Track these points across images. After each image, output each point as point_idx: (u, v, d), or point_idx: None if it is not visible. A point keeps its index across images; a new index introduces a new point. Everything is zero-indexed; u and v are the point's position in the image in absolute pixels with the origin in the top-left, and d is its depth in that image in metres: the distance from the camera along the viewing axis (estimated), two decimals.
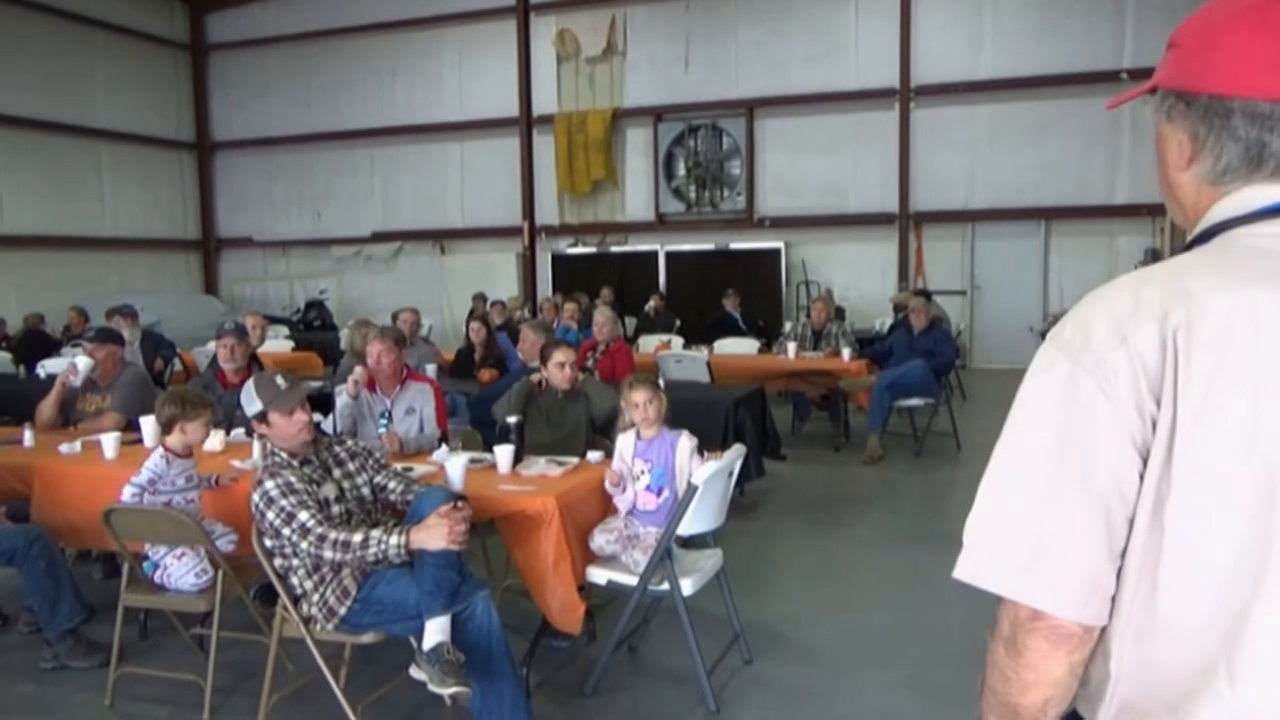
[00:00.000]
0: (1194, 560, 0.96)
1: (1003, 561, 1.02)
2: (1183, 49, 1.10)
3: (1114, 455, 0.98)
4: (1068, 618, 1.00)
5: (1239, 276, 0.97)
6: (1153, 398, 0.96)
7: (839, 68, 13.98)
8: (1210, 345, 0.94)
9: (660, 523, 3.61)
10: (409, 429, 4.54)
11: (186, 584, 3.61)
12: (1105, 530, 0.99)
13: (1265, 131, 1.03)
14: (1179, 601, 0.98)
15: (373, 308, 16.29)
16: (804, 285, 14.22)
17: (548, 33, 15.52)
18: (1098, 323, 1.00)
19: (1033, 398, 1.03)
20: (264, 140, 17.44)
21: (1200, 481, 0.95)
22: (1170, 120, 1.11)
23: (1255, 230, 1.03)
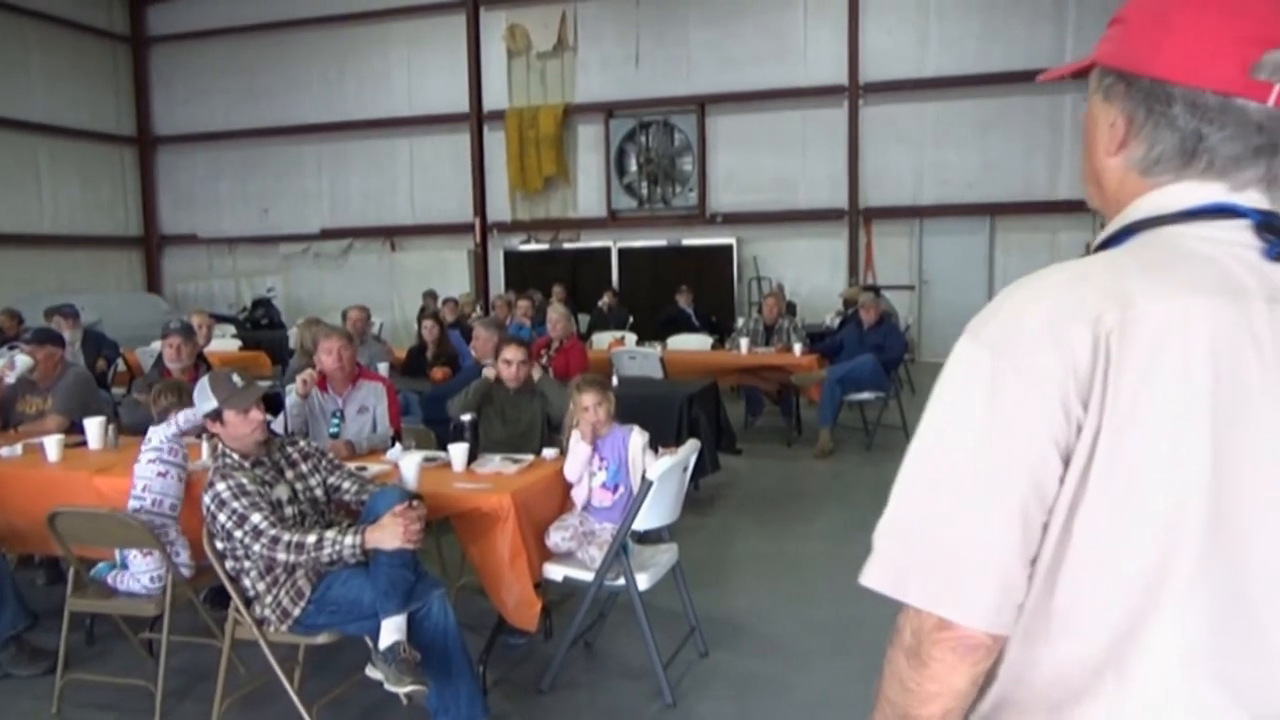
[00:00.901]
0: (1096, 567, 0.93)
1: (913, 569, 0.95)
2: (1130, 25, 1.03)
3: (1037, 459, 0.92)
4: (979, 628, 0.94)
5: (1175, 281, 0.93)
6: (1080, 402, 0.91)
7: (789, 65, 14.09)
8: (1141, 353, 0.90)
9: (616, 519, 3.64)
10: (361, 428, 4.51)
11: (140, 586, 3.54)
12: (1022, 537, 0.93)
13: (1205, 124, 0.97)
14: (1076, 606, 0.94)
15: (322, 306, 16.06)
16: (755, 281, 14.32)
17: (498, 28, 15.42)
18: (1028, 318, 0.94)
19: (952, 395, 0.97)
20: (208, 135, 17.09)
21: (1116, 490, 0.91)
22: (1107, 100, 1.05)
23: (1190, 232, 0.98)
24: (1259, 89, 0.95)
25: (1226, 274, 0.94)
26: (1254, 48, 0.95)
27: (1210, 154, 0.97)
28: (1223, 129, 0.96)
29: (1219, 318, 0.91)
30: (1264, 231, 0.96)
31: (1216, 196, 0.98)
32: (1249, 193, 0.99)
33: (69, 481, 3.97)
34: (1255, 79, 0.95)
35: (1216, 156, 0.97)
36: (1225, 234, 0.97)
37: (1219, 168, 0.98)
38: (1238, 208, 0.98)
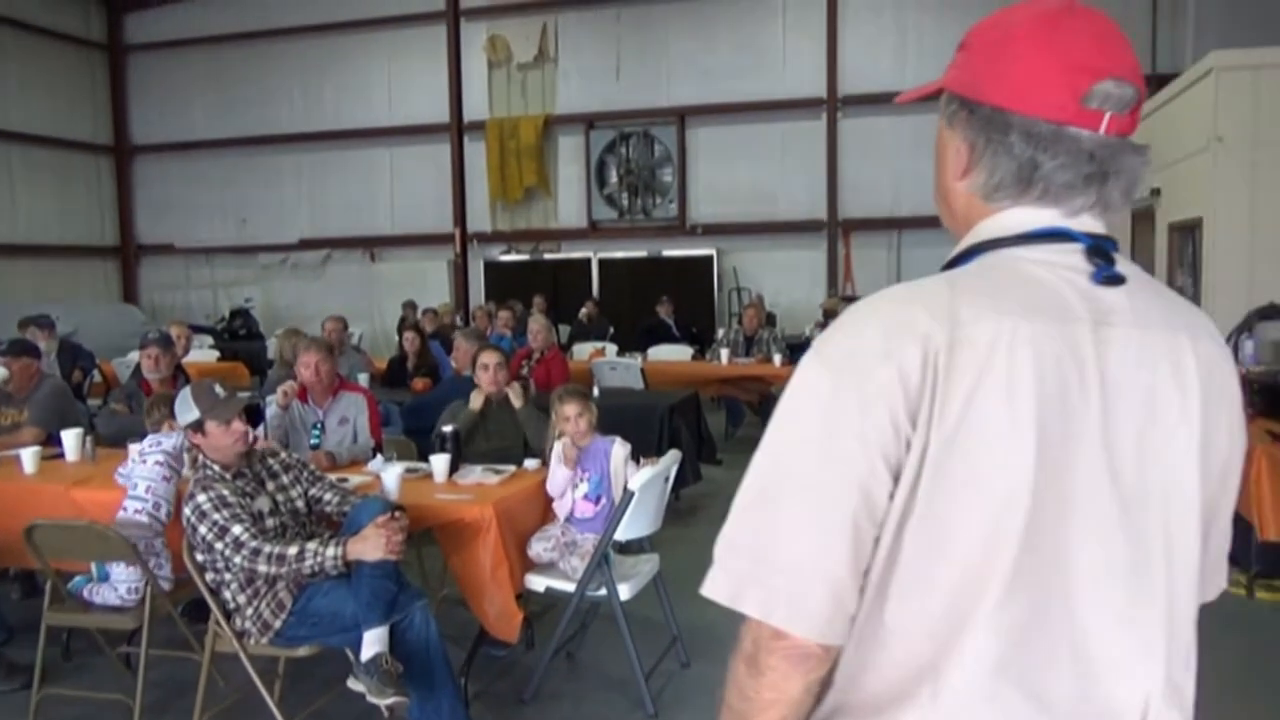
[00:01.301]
0: (921, 580, 0.95)
1: (749, 581, 0.97)
2: (972, 53, 1.07)
3: (868, 474, 0.94)
4: (811, 639, 0.96)
5: (1005, 303, 0.96)
6: (909, 419, 0.93)
7: (768, 78, 14.18)
8: (967, 372, 0.92)
9: (598, 529, 3.65)
10: (342, 439, 4.50)
11: (116, 597, 3.51)
12: (854, 550, 0.96)
13: (1040, 152, 1.00)
14: (903, 617, 0.97)
15: (301, 316, 15.97)
16: (735, 292, 14.38)
17: (478, 39, 15.44)
18: (866, 336, 0.97)
19: (793, 409, 0.99)
20: (186, 144, 16.96)
21: (942, 504, 0.93)
22: (951, 126, 1.08)
23: (1026, 255, 1.01)
24: (1090, 117, 0.99)
25: (1055, 297, 0.98)
26: (1085, 78, 0.99)
27: (1045, 181, 1.01)
28: (1055, 157, 1.00)
29: (1045, 339, 0.94)
30: (1094, 256, 1.01)
31: (1052, 222, 1.02)
32: (1083, 218, 1.03)
33: (46, 494, 3.94)
34: (1087, 108, 0.99)
35: (1051, 184, 1.01)
36: (1058, 257, 1.01)
37: (1054, 194, 1.02)
38: (1071, 232, 1.02)
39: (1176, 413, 1.00)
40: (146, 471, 3.53)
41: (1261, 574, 4.61)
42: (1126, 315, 1.00)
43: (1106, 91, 0.99)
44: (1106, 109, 0.99)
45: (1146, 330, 1.00)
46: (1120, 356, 0.98)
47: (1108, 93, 0.99)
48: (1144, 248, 9.58)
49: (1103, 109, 0.99)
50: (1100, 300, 0.99)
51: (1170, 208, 8.69)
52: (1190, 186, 8.11)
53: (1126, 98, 1.00)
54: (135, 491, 3.53)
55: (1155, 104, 9.27)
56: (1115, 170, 1.02)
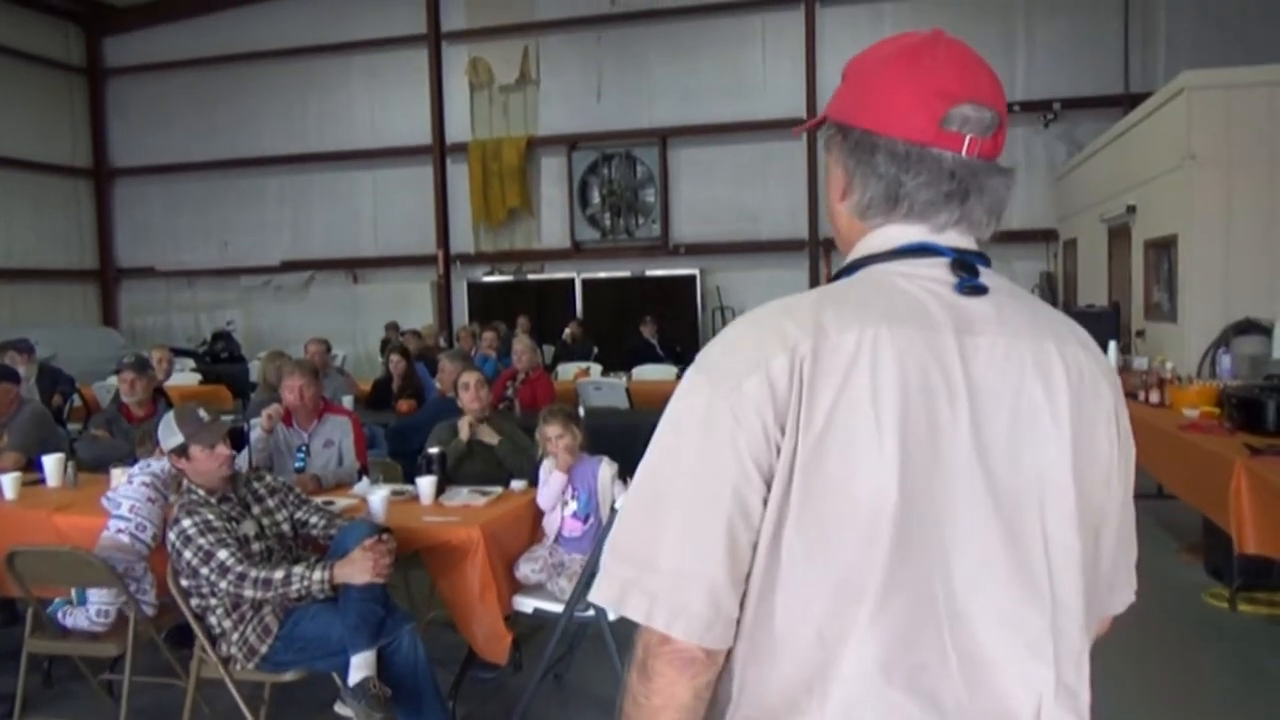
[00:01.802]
0: (802, 584, 0.98)
1: (632, 586, 1.00)
2: (847, 83, 1.14)
3: (740, 480, 0.97)
4: (691, 642, 0.98)
5: (869, 312, 1.00)
6: (778, 425, 0.97)
7: (748, 98, 14.30)
8: (832, 377, 0.96)
9: (586, 549, 3.65)
10: (327, 462, 4.48)
11: (85, 620, 3.47)
12: (729, 555, 0.98)
13: (903, 171, 1.06)
14: (790, 626, 0.99)
15: (284, 338, 15.89)
16: (719, 311, 14.44)
17: (460, 61, 15.50)
18: (741, 348, 1.02)
19: (674, 422, 1.03)
20: (166, 167, 16.92)
21: (814, 508, 0.96)
22: (829, 150, 1.15)
23: (894, 269, 1.06)
24: (951, 139, 1.06)
25: (919, 306, 1.03)
26: (942, 102, 1.05)
27: (910, 199, 1.07)
28: (917, 176, 1.06)
29: (908, 345, 0.99)
30: (957, 269, 1.06)
31: (919, 237, 1.08)
32: (949, 233, 1.09)
33: (27, 520, 3.90)
34: (946, 130, 1.05)
35: (915, 201, 1.07)
36: (924, 270, 1.06)
37: (918, 211, 1.07)
38: (936, 246, 1.07)
39: (1046, 416, 1.03)
40: (132, 492, 3.51)
41: (1243, 587, 4.65)
42: (991, 323, 1.04)
43: (965, 115, 1.06)
44: (966, 131, 1.06)
45: (1013, 338, 1.04)
46: (986, 361, 1.02)
47: (966, 116, 1.06)
48: (1120, 263, 9.70)
49: (962, 131, 1.06)
50: (964, 309, 1.04)
51: (1145, 224, 8.81)
52: (1165, 203, 8.23)
53: (986, 121, 1.07)
54: (119, 511, 3.50)
55: (1129, 123, 9.42)
56: (977, 188, 1.08)
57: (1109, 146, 10.07)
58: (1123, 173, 9.45)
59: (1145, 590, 1.24)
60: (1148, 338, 8.77)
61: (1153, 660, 3.99)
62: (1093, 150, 10.82)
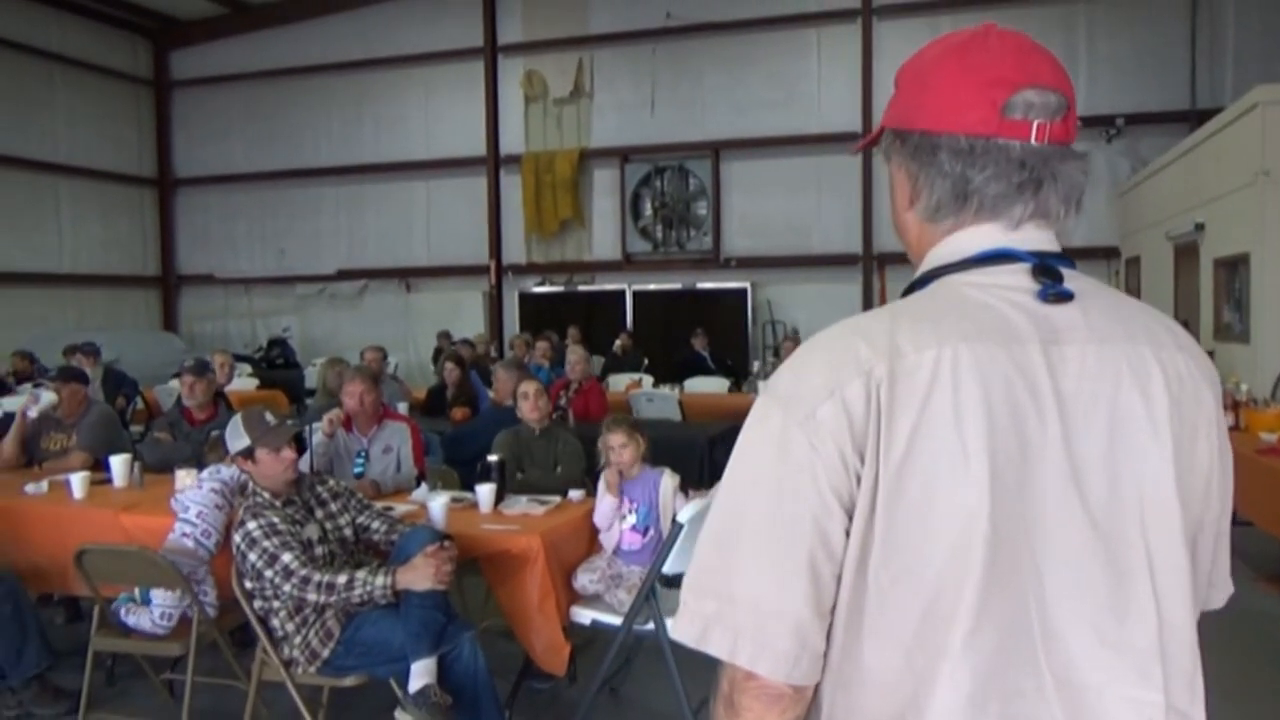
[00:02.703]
0: (890, 614, 0.95)
1: (714, 622, 0.97)
2: (901, 89, 1.11)
3: (821, 512, 0.95)
4: (778, 679, 0.95)
5: (945, 329, 0.95)
6: (857, 453, 0.94)
7: (802, 111, 14.23)
8: (911, 401, 0.92)
9: (645, 561, 3.60)
10: (386, 468, 4.50)
11: (148, 622, 3.50)
12: (813, 589, 0.95)
13: (968, 167, 1.02)
14: (878, 653, 0.96)
15: (337, 346, 16.11)
16: (769, 325, 14.34)
17: (515, 74, 15.64)
18: (811, 374, 0.98)
19: (747, 452, 1.00)
20: (226, 177, 17.30)
21: (899, 537, 0.93)
22: (889, 159, 1.12)
23: (970, 280, 1.02)
24: (1017, 128, 1.00)
25: (1000, 319, 0.97)
26: (1002, 90, 1.01)
27: (979, 194, 1.02)
28: (984, 169, 1.02)
29: (990, 362, 0.94)
30: (1039, 275, 1.00)
31: (994, 241, 1.03)
32: (1026, 230, 1.03)
33: (95, 519, 3.96)
34: (1010, 118, 1.00)
35: (985, 196, 1.02)
36: (1002, 279, 1.01)
37: (990, 207, 1.02)
38: (1015, 252, 1.02)
39: (1145, 428, 0.98)
40: (200, 497, 3.54)
41: None
42: (1080, 331, 0.98)
43: (1028, 101, 1.01)
44: (1032, 117, 1.01)
45: (1104, 345, 0.99)
46: (1077, 373, 0.96)
47: (1030, 101, 1.01)
48: (1188, 282, 9.45)
49: (1028, 118, 1.01)
50: (1050, 318, 0.98)
51: (1215, 242, 8.57)
52: (1236, 221, 8.00)
53: (1052, 105, 1.02)
54: (186, 515, 3.54)
55: (1197, 139, 9.18)
56: (1050, 176, 1.02)
57: (1175, 162, 9.83)
58: (1190, 189, 9.22)
59: (1221, 621, 1.19)
60: (1218, 359, 8.51)
61: (1230, 695, 3.84)
62: (1158, 166, 10.57)
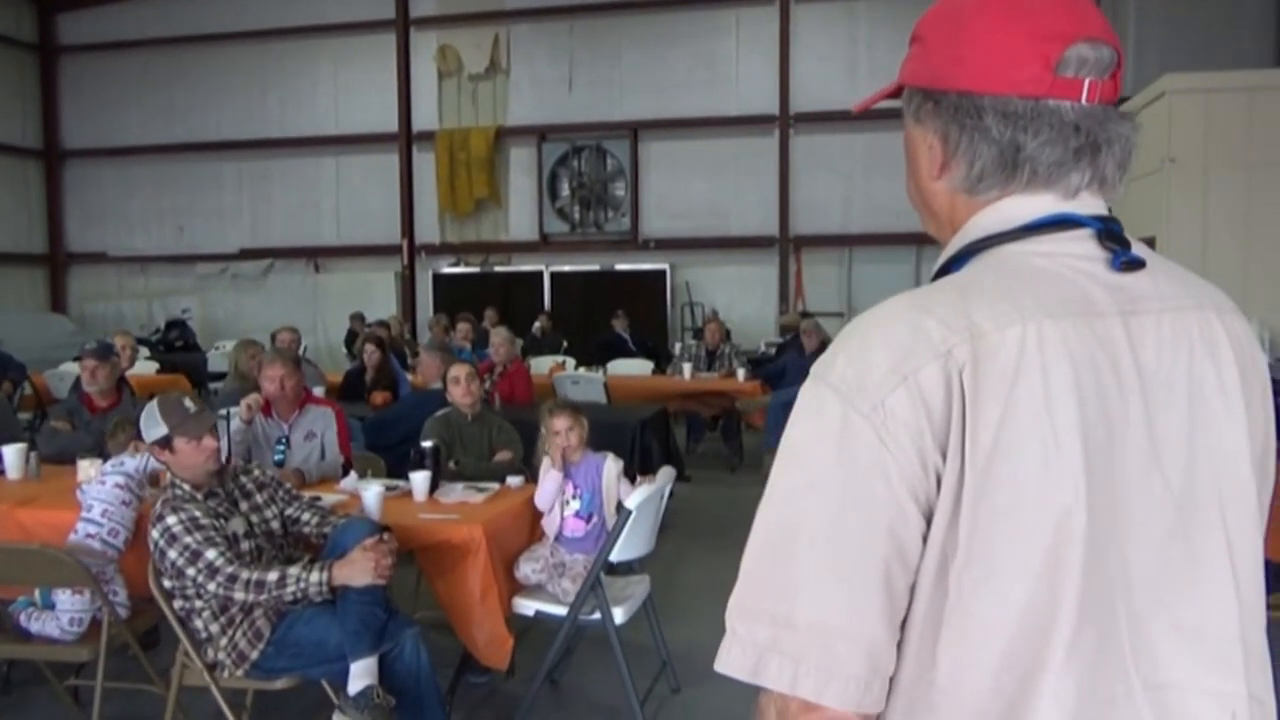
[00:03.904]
0: (978, 624, 0.83)
1: (771, 650, 0.84)
2: (928, 43, 0.98)
3: (895, 515, 0.83)
4: (848, 709, 0.83)
5: (1024, 304, 0.85)
6: (937, 447, 0.82)
7: (721, 93, 14.22)
8: (999, 386, 0.82)
9: (589, 549, 3.50)
10: (309, 455, 4.28)
11: (56, 628, 3.23)
12: (887, 603, 0.84)
13: (1019, 132, 0.91)
14: (961, 671, 0.84)
15: (241, 328, 15.48)
16: (688, 307, 14.34)
17: (429, 48, 15.21)
18: (874, 357, 0.85)
19: (802, 447, 0.87)
20: (120, 150, 16.38)
21: (989, 537, 0.82)
22: (919, 122, 0.99)
23: (1032, 249, 0.91)
24: (1068, 87, 0.90)
25: (1076, 291, 0.88)
26: (1055, 45, 0.90)
27: (1031, 162, 0.91)
28: (1038, 134, 0.91)
29: (1075, 339, 0.85)
30: (1106, 240, 0.91)
31: (1051, 208, 0.92)
32: (1083, 197, 0.94)
33: None
34: (1063, 77, 0.90)
35: (1039, 164, 0.92)
36: (1068, 247, 0.91)
37: (1044, 176, 0.92)
38: (1077, 217, 0.92)
39: (1219, 397, 0.91)
40: (104, 494, 3.27)
41: None
42: (1154, 301, 0.90)
43: (1082, 56, 0.90)
44: (1084, 75, 0.90)
45: (1177, 312, 0.91)
46: (1154, 344, 0.89)
47: (1084, 57, 0.90)
48: None
49: (1080, 75, 0.90)
50: (1124, 288, 0.89)
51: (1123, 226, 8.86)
52: (1143, 206, 8.28)
53: (1105, 60, 0.91)
54: (90, 515, 3.27)
55: None
56: (1106, 140, 0.92)
57: None
58: None
59: None
60: None
61: None
62: None
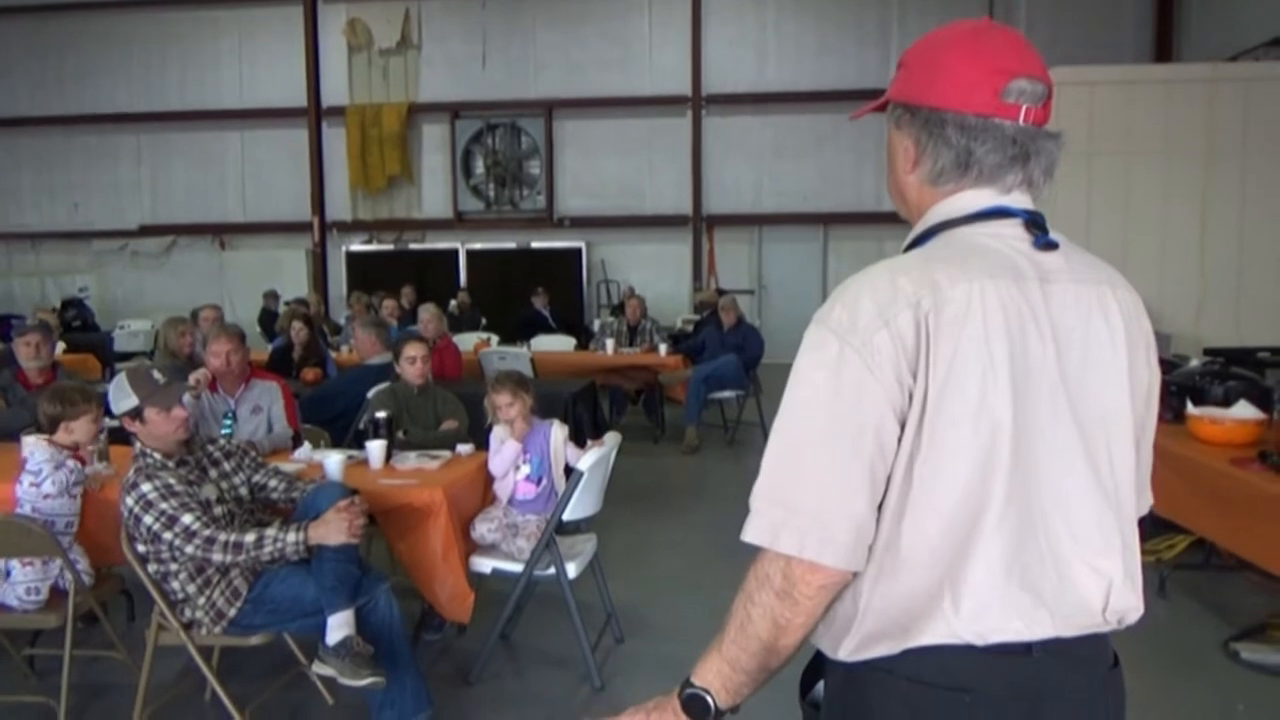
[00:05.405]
0: (932, 505, 1.14)
1: (783, 525, 1.14)
2: (909, 68, 1.30)
3: (878, 422, 1.13)
4: (843, 568, 1.14)
5: (969, 270, 1.16)
6: (910, 373, 1.13)
7: (634, 73, 14.42)
8: (951, 327, 1.12)
9: (540, 509, 3.73)
10: (256, 429, 4.37)
11: (14, 599, 3.28)
12: (871, 487, 1.14)
13: (972, 140, 1.23)
14: (917, 543, 1.15)
15: (142, 306, 15.08)
16: (604, 284, 14.56)
17: (337, 21, 14.96)
18: (862, 306, 1.15)
19: (806, 374, 1.17)
20: (7, 120, 15.65)
21: (943, 439, 1.12)
22: (899, 128, 1.30)
23: (974, 230, 1.23)
24: (1010, 110, 1.22)
25: (1008, 262, 1.19)
26: (1002, 78, 1.22)
27: (979, 164, 1.23)
28: (985, 143, 1.23)
29: (1007, 295, 1.16)
30: (1031, 227, 1.23)
31: (993, 201, 1.24)
32: (1015, 194, 1.25)
33: None
34: (1005, 102, 1.22)
35: (984, 166, 1.23)
36: (1003, 230, 1.23)
37: (988, 175, 1.24)
38: (1011, 209, 1.24)
39: (1109, 348, 1.24)
40: (24, 493, 3.26)
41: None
42: (1064, 273, 1.22)
43: (1021, 88, 1.22)
44: (1023, 102, 1.22)
45: (1080, 284, 1.24)
46: (1061, 304, 1.20)
47: (1022, 89, 1.22)
48: None
49: (1019, 102, 1.22)
50: (1041, 262, 1.21)
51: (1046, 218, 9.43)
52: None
53: (1038, 93, 1.23)
54: (21, 512, 3.26)
55: None
56: (1035, 151, 1.24)
57: None
58: None
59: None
60: None
61: None
62: None
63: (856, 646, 1.21)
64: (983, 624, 1.16)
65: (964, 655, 1.16)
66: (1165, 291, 7.86)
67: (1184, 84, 8.32)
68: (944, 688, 1.17)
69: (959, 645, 1.16)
